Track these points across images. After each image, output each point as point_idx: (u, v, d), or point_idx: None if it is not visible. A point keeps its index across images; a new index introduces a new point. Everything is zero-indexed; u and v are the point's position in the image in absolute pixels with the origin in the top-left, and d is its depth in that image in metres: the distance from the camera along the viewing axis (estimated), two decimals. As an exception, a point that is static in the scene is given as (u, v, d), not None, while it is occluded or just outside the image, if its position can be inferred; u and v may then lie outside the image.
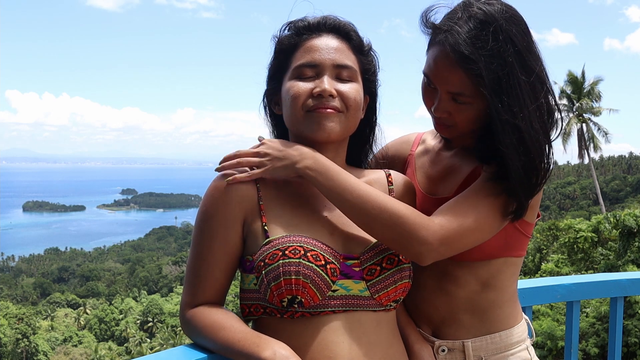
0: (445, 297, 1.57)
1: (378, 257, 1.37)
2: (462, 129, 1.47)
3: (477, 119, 1.43)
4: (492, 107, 1.34)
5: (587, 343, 18.26)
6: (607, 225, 22.39)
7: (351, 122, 1.42)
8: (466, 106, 1.42)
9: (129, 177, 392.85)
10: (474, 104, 1.40)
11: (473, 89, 1.37)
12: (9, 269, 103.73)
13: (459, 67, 1.35)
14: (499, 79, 1.33)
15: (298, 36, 1.44)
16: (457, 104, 1.42)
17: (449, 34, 1.36)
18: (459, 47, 1.34)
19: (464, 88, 1.38)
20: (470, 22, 1.36)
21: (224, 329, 1.28)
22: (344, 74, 1.41)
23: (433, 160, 1.68)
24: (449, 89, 1.41)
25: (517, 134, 1.35)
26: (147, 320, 56.99)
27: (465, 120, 1.44)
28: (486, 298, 1.57)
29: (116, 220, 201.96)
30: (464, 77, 1.36)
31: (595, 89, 39.30)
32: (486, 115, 1.39)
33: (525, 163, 1.36)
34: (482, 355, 1.56)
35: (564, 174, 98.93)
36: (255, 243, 1.36)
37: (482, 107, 1.40)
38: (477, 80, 1.34)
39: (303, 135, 1.40)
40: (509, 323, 1.60)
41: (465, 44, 1.34)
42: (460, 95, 1.40)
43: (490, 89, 1.33)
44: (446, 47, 1.36)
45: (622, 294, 2.33)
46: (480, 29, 1.35)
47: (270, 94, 1.50)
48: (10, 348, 47.02)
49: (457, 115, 1.44)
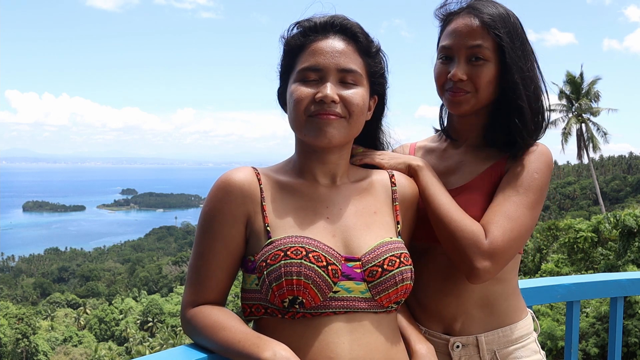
0: (455, 293, 1.60)
1: (379, 259, 1.37)
2: (480, 95, 1.57)
3: (492, 83, 1.56)
4: (511, 61, 1.53)
5: (587, 343, 18.26)
6: (607, 225, 22.38)
7: (354, 127, 1.41)
8: (482, 67, 1.54)
9: (129, 177, 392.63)
10: (490, 63, 1.54)
11: (492, 46, 1.53)
12: (9, 269, 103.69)
13: (481, 26, 1.53)
14: (514, 44, 1.54)
15: (304, 37, 1.42)
16: (473, 66, 1.55)
17: (473, 8, 1.57)
18: (483, 15, 1.54)
19: (484, 41, 1.53)
20: (492, 6, 1.57)
21: (224, 329, 1.28)
22: (349, 78, 1.39)
23: (441, 156, 1.73)
24: (469, 43, 1.54)
25: (531, 86, 1.56)
26: (147, 320, 56.96)
27: (482, 82, 1.55)
28: (493, 291, 1.61)
29: (116, 220, 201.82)
30: (485, 33, 1.53)
31: (594, 88, 39.27)
32: (501, 80, 1.56)
33: (536, 110, 1.58)
34: (494, 349, 1.60)
35: (564, 174, 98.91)
36: (258, 243, 1.36)
37: (497, 71, 1.55)
38: (497, 37, 1.52)
39: (305, 139, 1.40)
40: (517, 316, 1.64)
41: (488, 14, 1.54)
42: (479, 49, 1.54)
43: (509, 46, 1.53)
44: (471, 14, 1.56)
45: (622, 294, 2.33)
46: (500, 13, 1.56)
47: (281, 92, 1.50)
48: (10, 348, 47.00)
49: (475, 76, 1.55)
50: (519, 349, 1.62)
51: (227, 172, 1.40)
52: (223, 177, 1.39)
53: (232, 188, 1.37)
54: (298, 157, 1.48)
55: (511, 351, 1.61)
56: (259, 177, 1.41)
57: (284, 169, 1.48)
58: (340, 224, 1.41)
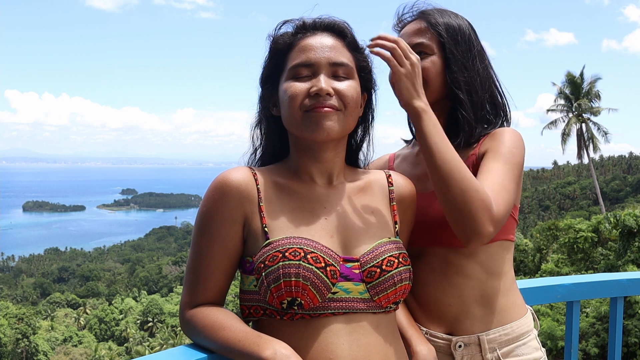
0: (456, 292, 1.60)
1: (378, 260, 1.36)
2: (429, 88, 1.61)
3: (438, 77, 1.64)
4: (451, 55, 1.63)
5: (587, 343, 18.26)
6: (607, 225, 22.39)
7: (350, 120, 1.41)
8: (427, 60, 1.63)
9: (129, 177, 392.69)
10: (434, 56, 1.64)
11: (434, 41, 1.64)
12: (9, 269, 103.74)
13: (425, 26, 1.66)
14: (456, 40, 1.65)
15: (293, 36, 1.43)
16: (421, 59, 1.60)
17: (422, 13, 1.70)
18: (428, 17, 1.67)
19: (427, 38, 1.65)
20: (444, 15, 1.69)
21: (224, 329, 1.28)
22: (340, 71, 1.40)
23: (414, 162, 1.77)
24: (413, 41, 1.65)
25: (474, 79, 1.66)
26: (147, 320, 56.97)
27: (429, 75, 1.62)
28: (492, 286, 1.61)
29: (116, 220, 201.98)
30: (427, 31, 1.65)
31: (594, 88, 39.28)
32: (444, 76, 1.64)
33: (470, 95, 1.65)
34: (496, 347, 1.60)
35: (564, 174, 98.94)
36: (255, 244, 1.36)
37: (440, 66, 1.64)
38: (438, 34, 1.64)
39: (302, 135, 1.39)
40: (517, 313, 1.65)
41: (433, 17, 1.67)
42: (422, 46, 1.64)
43: (449, 41, 1.64)
44: (420, 19, 1.69)
45: (622, 294, 2.33)
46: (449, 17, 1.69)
47: (267, 95, 1.49)
48: (10, 348, 47.00)
49: (423, 69, 1.58)
50: (520, 347, 1.62)
51: (224, 172, 1.39)
52: (220, 177, 1.39)
53: (229, 188, 1.36)
54: (294, 157, 1.47)
55: (512, 349, 1.61)
56: (255, 177, 1.41)
57: (280, 169, 1.47)
58: (338, 225, 1.40)
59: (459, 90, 1.63)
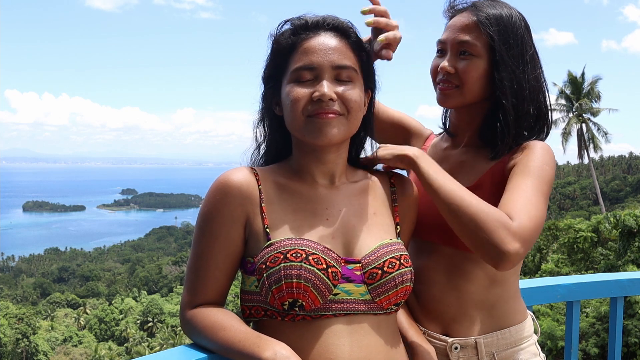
0: (456, 294, 1.59)
1: (379, 261, 1.36)
2: (465, 90, 1.57)
3: (480, 80, 1.57)
4: (500, 60, 1.54)
5: (587, 343, 18.26)
6: (607, 225, 22.38)
7: (353, 124, 1.40)
8: (469, 62, 1.56)
9: (129, 177, 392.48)
10: (479, 59, 1.56)
11: (483, 43, 1.55)
12: (9, 269, 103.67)
13: (475, 22, 1.56)
14: (508, 44, 1.55)
15: (295, 36, 1.40)
16: (462, 60, 1.57)
17: (474, 7, 1.60)
18: (480, 13, 1.57)
19: (475, 37, 1.56)
20: (494, 7, 1.59)
21: (224, 329, 1.28)
22: (344, 74, 1.37)
23: (441, 158, 1.69)
24: (459, 38, 1.57)
25: (523, 88, 1.56)
26: (147, 320, 56.94)
27: (468, 77, 1.56)
28: (494, 293, 1.60)
29: (116, 220, 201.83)
30: (477, 30, 1.56)
31: (595, 88, 39.27)
32: (489, 78, 1.56)
33: (516, 105, 1.56)
34: (493, 351, 1.59)
35: (564, 174, 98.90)
36: (257, 245, 1.35)
37: (485, 68, 1.56)
38: (488, 36, 1.54)
39: (305, 140, 1.39)
40: (516, 318, 1.63)
41: (486, 13, 1.56)
42: (468, 44, 1.56)
43: (500, 46, 1.54)
44: (470, 12, 1.58)
45: (622, 294, 2.33)
46: (500, 13, 1.58)
47: (269, 94, 1.47)
48: (10, 348, 46.99)
49: (461, 70, 1.56)
50: (518, 352, 1.61)
51: (225, 173, 1.38)
52: (221, 177, 1.38)
53: (231, 189, 1.36)
54: (296, 158, 1.46)
55: (510, 354, 1.60)
56: (257, 178, 1.40)
57: (282, 169, 1.46)
58: (339, 225, 1.40)
59: (504, 98, 1.55)
